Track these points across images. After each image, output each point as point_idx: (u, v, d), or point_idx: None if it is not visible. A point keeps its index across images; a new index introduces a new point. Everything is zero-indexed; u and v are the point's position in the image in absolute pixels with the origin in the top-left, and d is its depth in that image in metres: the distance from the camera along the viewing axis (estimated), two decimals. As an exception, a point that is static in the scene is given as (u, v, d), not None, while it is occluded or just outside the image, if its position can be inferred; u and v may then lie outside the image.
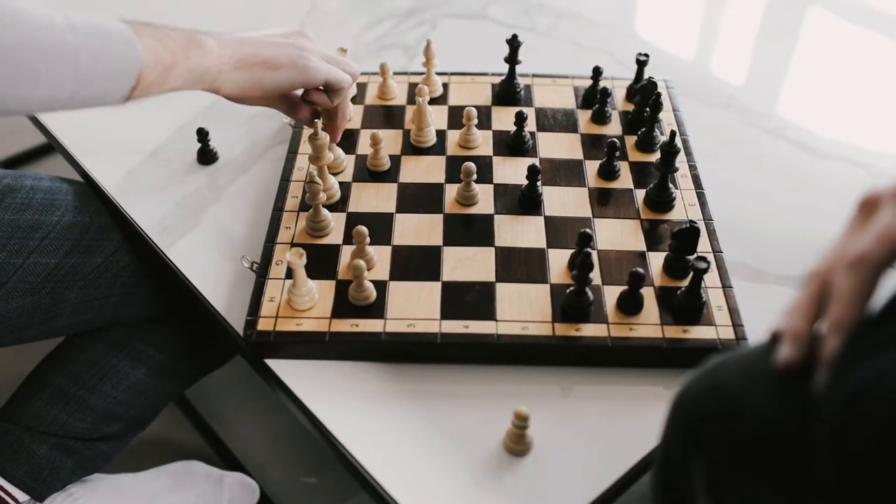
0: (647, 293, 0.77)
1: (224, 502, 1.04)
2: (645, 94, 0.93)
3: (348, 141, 0.93)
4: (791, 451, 0.43)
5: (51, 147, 1.65)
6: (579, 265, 0.73)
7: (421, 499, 0.66)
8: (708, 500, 0.48)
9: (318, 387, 0.73)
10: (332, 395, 0.73)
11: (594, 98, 0.97)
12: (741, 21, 1.23)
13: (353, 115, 0.95)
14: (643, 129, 0.92)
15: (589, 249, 0.74)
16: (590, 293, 0.75)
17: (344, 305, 0.76)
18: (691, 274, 0.75)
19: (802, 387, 0.43)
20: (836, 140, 1.00)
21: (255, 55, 0.77)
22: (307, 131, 0.93)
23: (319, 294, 0.77)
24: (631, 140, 0.94)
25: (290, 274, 0.76)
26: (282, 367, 0.75)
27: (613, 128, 0.96)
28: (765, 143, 0.99)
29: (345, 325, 0.74)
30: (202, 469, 1.05)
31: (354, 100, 0.98)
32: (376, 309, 0.76)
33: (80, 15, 0.65)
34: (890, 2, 1.27)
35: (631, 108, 0.98)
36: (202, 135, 0.94)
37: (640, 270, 0.73)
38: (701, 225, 0.84)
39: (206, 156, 0.94)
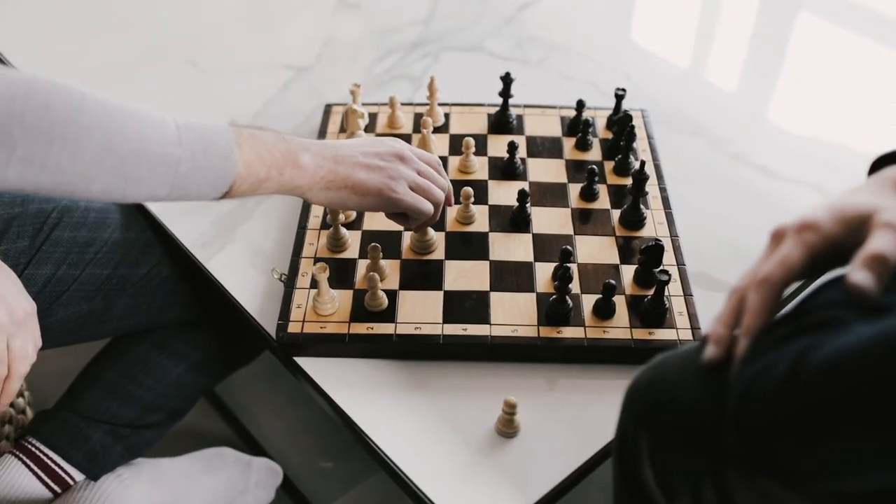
0: (619, 300, 0.90)
1: (252, 483, 1.17)
2: (621, 125, 1.07)
3: (362, 166, 1.06)
4: (712, 429, 0.56)
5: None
6: (560, 277, 0.86)
7: (427, 473, 0.79)
8: (650, 469, 0.61)
9: (339, 380, 0.86)
10: (352, 388, 0.86)
11: (578, 127, 1.10)
12: (713, 58, 1.36)
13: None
14: (619, 156, 1.05)
15: (569, 264, 0.87)
16: (569, 301, 0.88)
17: (360, 311, 0.89)
18: (656, 284, 0.88)
19: (723, 378, 0.56)
20: (791, 164, 1.12)
21: (346, 179, 0.80)
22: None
23: (339, 301, 0.90)
24: (609, 165, 1.07)
25: (314, 284, 0.90)
26: (308, 364, 0.88)
27: (594, 154, 1.09)
28: (728, 167, 1.13)
29: (361, 328, 0.88)
30: (232, 454, 1.19)
31: (368, 128, 1.12)
32: (388, 314, 0.89)
33: (190, 121, 0.72)
34: (836, 41, 1.40)
35: (610, 136, 1.11)
36: (234, 161, 1.07)
37: (612, 282, 0.86)
38: (668, 241, 0.97)
39: (238, 179, 1.07)
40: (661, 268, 0.90)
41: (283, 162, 0.77)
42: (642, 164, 0.96)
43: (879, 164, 0.66)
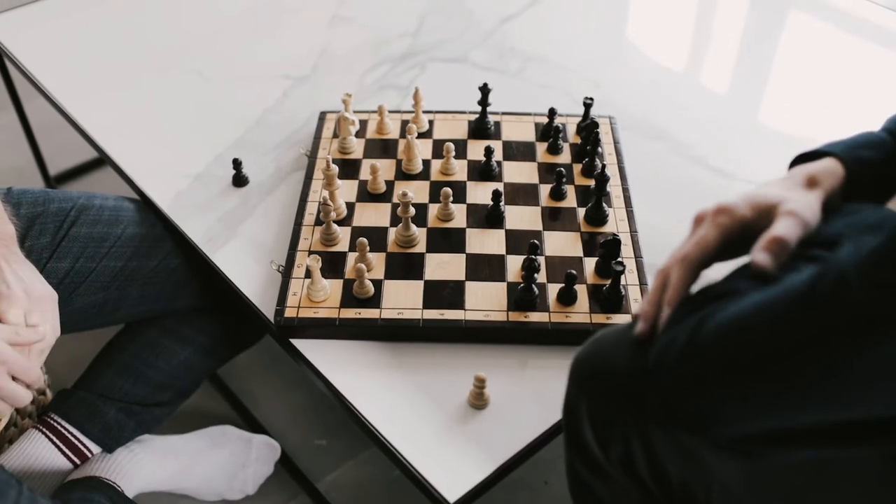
0: (581, 289, 1.01)
1: (252, 458, 1.28)
2: (588, 132, 1.17)
3: (352, 168, 1.17)
4: (638, 392, 0.66)
5: (96, 164, 1.90)
6: (527, 268, 0.97)
7: (407, 439, 0.90)
8: (590, 429, 0.71)
9: (330, 359, 0.97)
10: (341, 366, 0.96)
11: (550, 133, 1.21)
12: (676, 69, 1.47)
13: (356, 148, 1.18)
14: (586, 160, 1.16)
15: (536, 256, 0.98)
16: (536, 289, 0.99)
17: (349, 298, 1.00)
18: (613, 275, 0.99)
19: (648, 349, 0.67)
20: (744, 166, 1.23)
21: None
22: (321, 162, 1.17)
23: (331, 289, 1.01)
24: (578, 167, 1.18)
25: (308, 274, 1.00)
26: (303, 345, 0.98)
27: (564, 157, 1.20)
28: (688, 168, 1.23)
29: (350, 313, 0.98)
30: (234, 431, 1.29)
31: (358, 134, 1.22)
32: (374, 301, 1.00)
33: None
34: (786, 54, 1.51)
35: (579, 141, 1.21)
36: (236, 163, 1.18)
37: (573, 272, 0.97)
38: (628, 236, 1.08)
39: (240, 180, 1.18)
40: (619, 260, 1.00)
41: None
42: (603, 167, 1.07)
43: (797, 161, 0.77)
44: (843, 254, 0.50)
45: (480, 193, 1.13)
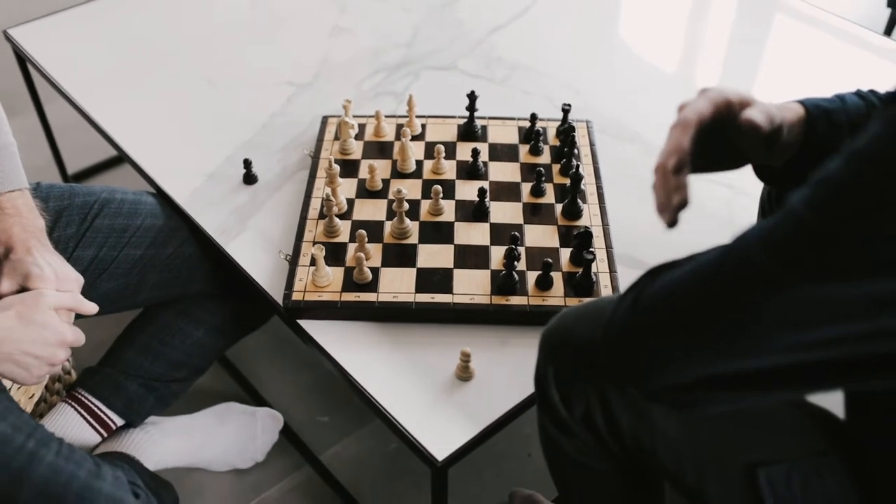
0: (557, 276, 1.13)
1: (259, 430, 1.39)
2: (566, 135, 1.29)
3: (352, 168, 1.29)
4: (595, 356, 0.77)
5: (110, 163, 2.02)
6: (508, 257, 1.09)
7: (400, 407, 1.01)
8: (556, 391, 0.83)
9: (333, 338, 1.09)
10: (343, 343, 1.08)
11: (531, 136, 1.33)
12: (649, 77, 1.59)
13: (355, 149, 1.31)
14: (564, 160, 1.28)
15: (516, 247, 1.10)
16: (516, 276, 1.11)
17: (350, 283, 1.12)
18: (584, 263, 1.11)
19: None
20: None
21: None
22: (323, 162, 1.28)
23: (333, 276, 1.12)
24: (556, 167, 1.30)
25: (313, 262, 1.12)
26: (308, 325, 1.10)
27: (545, 158, 1.32)
28: (657, 169, 1.35)
29: (351, 297, 1.10)
30: (238, 406, 1.41)
31: (357, 136, 1.34)
32: (372, 286, 1.11)
33: None
34: (750, 61, 1.63)
35: (558, 143, 1.34)
36: (246, 163, 1.29)
37: (549, 260, 1.09)
38: (600, 229, 1.20)
39: (250, 178, 1.30)
40: (590, 250, 1.12)
41: None
42: (577, 166, 1.19)
43: None
44: (750, 229, 0.61)
45: (468, 191, 1.25)
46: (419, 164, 1.29)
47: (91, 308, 1.09)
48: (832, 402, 0.80)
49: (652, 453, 0.80)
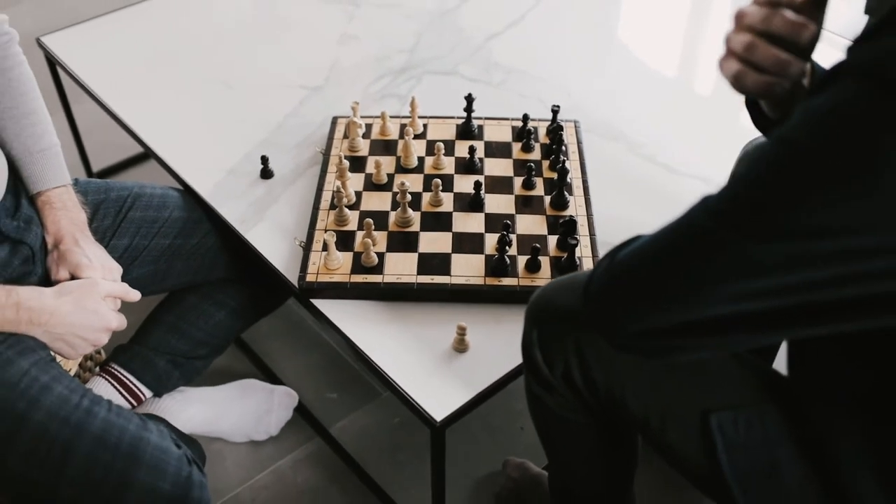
0: (545, 260, 1.25)
1: (275, 405, 1.52)
2: (555, 133, 1.42)
3: (359, 163, 1.41)
4: (573, 319, 0.90)
5: (133, 161, 2.15)
6: (500, 242, 1.21)
7: (405, 375, 1.13)
8: (539, 352, 0.96)
9: (343, 315, 1.21)
10: (352, 320, 1.20)
11: (524, 134, 1.45)
12: (634, 80, 1.71)
13: (363, 147, 1.43)
14: (553, 156, 1.41)
15: (508, 234, 1.22)
16: (508, 260, 1.23)
17: (358, 266, 1.24)
18: (569, 248, 1.23)
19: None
20: (688, 163, 1.47)
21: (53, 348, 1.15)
22: (334, 159, 1.41)
23: (343, 260, 1.25)
24: (546, 163, 1.42)
25: (325, 247, 1.24)
26: (320, 304, 1.22)
27: (535, 155, 1.44)
28: (640, 165, 1.47)
29: (359, 278, 1.23)
30: (258, 383, 1.54)
31: (365, 135, 1.47)
32: (378, 269, 1.24)
33: None
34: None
35: (548, 141, 1.46)
36: (264, 160, 1.42)
37: (538, 246, 1.21)
38: (585, 218, 1.32)
39: (266, 173, 1.43)
40: (574, 236, 1.25)
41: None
42: (563, 162, 1.32)
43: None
44: (701, 199, 0.72)
45: (465, 184, 1.37)
46: (421, 160, 1.42)
47: (135, 296, 1.22)
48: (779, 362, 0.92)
49: (622, 404, 0.93)
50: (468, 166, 1.40)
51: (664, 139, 1.53)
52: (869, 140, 0.59)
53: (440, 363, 1.16)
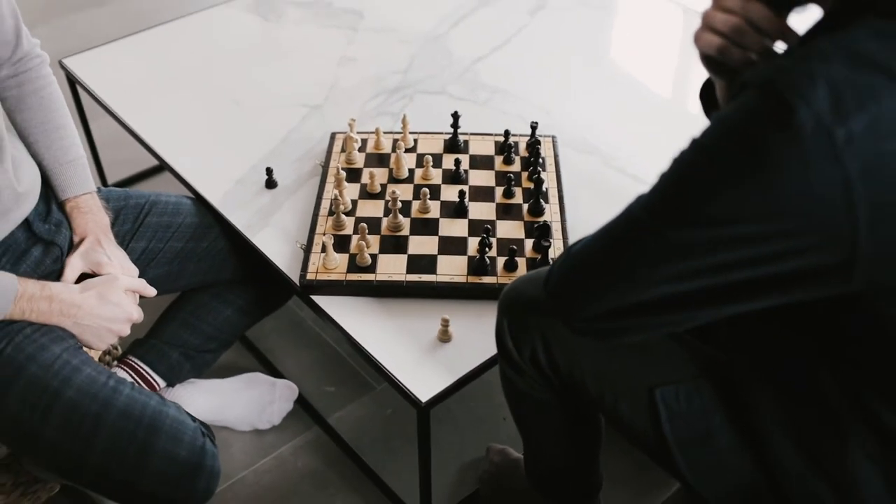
0: (521, 260, 1.39)
1: (277, 396, 1.65)
2: (533, 147, 1.56)
3: (355, 174, 1.56)
4: (538, 309, 1.03)
5: (146, 174, 2.29)
6: (481, 245, 1.35)
7: (393, 362, 1.26)
8: (510, 339, 1.09)
9: (340, 310, 1.34)
10: (348, 314, 1.34)
11: (505, 148, 1.59)
12: (609, 99, 1.86)
13: (358, 159, 1.58)
14: (531, 168, 1.55)
15: (488, 237, 1.36)
16: (488, 260, 1.37)
17: (353, 266, 1.38)
18: (543, 250, 1.37)
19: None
20: (655, 173, 1.61)
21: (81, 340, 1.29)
22: (332, 170, 1.55)
23: (340, 260, 1.39)
24: (525, 175, 1.56)
25: (323, 249, 1.38)
26: (319, 300, 1.36)
27: (516, 167, 1.58)
28: (612, 176, 1.61)
29: (354, 277, 1.36)
30: (262, 376, 1.68)
31: (361, 149, 1.61)
32: (371, 268, 1.38)
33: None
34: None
35: (527, 154, 1.60)
36: (268, 171, 1.56)
37: (515, 248, 1.35)
38: (559, 224, 1.46)
39: (271, 184, 1.57)
40: (548, 239, 1.38)
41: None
42: (539, 173, 1.46)
43: None
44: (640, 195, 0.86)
45: (451, 193, 1.51)
46: (411, 171, 1.56)
47: (152, 291, 1.36)
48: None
49: (581, 383, 1.06)
50: (454, 177, 1.54)
51: (634, 153, 1.67)
52: (759, 139, 0.72)
53: (426, 352, 1.29)
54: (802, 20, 0.88)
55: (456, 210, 1.48)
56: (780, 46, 0.89)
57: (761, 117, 0.72)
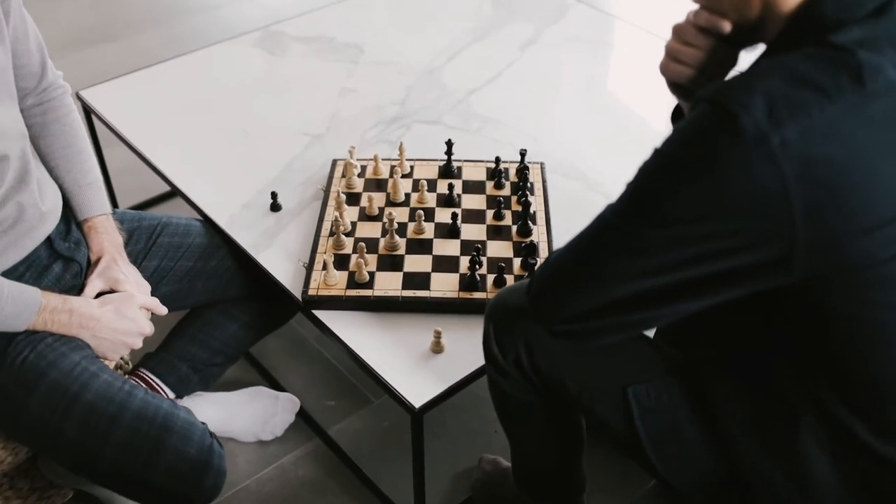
0: (510, 278, 1.48)
1: (279, 409, 1.74)
2: (522, 173, 1.66)
3: (355, 198, 1.66)
4: (522, 315, 1.12)
5: (157, 200, 2.40)
6: (471, 263, 1.45)
7: (389, 370, 1.35)
8: (496, 344, 1.18)
9: (340, 324, 1.43)
10: (347, 328, 1.43)
11: (496, 174, 1.70)
12: (594, 127, 1.97)
13: (358, 184, 1.68)
14: (520, 192, 1.65)
15: (478, 255, 1.46)
16: (478, 277, 1.46)
17: (352, 283, 1.47)
18: (529, 268, 1.46)
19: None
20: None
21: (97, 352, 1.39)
22: (333, 194, 1.65)
23: (340, 277, 1.48)
24: (514, 198, 1.66)
25: (324, 267, 1.48)
26: (321, 314, 1.45)
27: (506, 191, 1.68)
28: (597, 201, 1.70)
29: (353, 293, 1.46)
30: (266, 390, 1.76)
31: (360, 174, 1.71)
32: (369, 285, 1.47)
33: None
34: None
35: (517, 179, 1.70)
36: (273, 195, 1.66)
37: (503, 265, 1.45)
38: (545, 244, 1.56)
39: (275, 207, 1.67)
40: (535, 258, 1.48)
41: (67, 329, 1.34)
42: (527, 196, 1.56)
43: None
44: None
45: (444, 216, 1.61)
46: (407, 195, 1.66)
47: (164, 310, 1.45)
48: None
49: (561, 384, 1.15)
50: (447, 201, 1.65)
51: (617, 178, 1.73)
52: (708, 144, 0.82)
53: (420, 362, 1.38)
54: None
55: (449, 231, 1.58)
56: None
57: (710, 124, 0.83)
